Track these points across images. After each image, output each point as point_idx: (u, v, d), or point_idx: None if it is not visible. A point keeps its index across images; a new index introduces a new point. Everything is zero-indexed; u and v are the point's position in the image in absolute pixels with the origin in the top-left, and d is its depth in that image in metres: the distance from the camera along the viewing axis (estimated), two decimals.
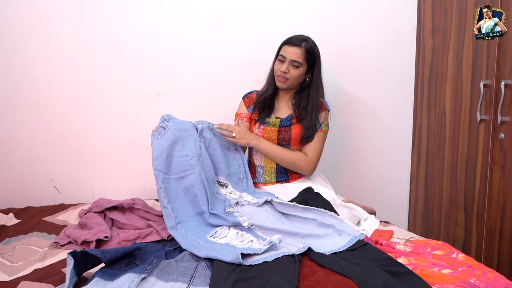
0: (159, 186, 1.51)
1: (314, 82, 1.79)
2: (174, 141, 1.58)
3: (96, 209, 1.67)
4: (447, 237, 2.06)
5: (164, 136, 1.57)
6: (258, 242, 1.30)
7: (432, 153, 2.16)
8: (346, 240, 1.28)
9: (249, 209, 1.51)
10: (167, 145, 1.56)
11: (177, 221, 1.45)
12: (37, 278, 1.20)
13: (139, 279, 1.07)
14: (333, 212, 1.45)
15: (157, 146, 1.56)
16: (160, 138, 1.57)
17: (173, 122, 1.63)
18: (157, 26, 2.03)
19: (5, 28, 1.92)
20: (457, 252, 1.25)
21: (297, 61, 1.73)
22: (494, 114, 1.73)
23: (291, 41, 1.75)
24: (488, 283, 1.06)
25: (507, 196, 1.70)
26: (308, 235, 1.33)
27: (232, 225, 1.43)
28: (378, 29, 2.18)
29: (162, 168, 1.54)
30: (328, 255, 1.21)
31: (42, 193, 2.02)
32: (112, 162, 2.08)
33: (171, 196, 1.51)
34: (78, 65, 2.00)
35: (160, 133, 1.60)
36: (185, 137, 1.61)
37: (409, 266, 1.14)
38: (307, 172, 1.79)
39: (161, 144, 1.56)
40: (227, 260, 1.17)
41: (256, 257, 1.20)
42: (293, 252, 1.21)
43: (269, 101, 1.82)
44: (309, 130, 1.76)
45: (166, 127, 1.61)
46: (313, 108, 1.77)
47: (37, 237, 1.54)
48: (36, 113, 1.99)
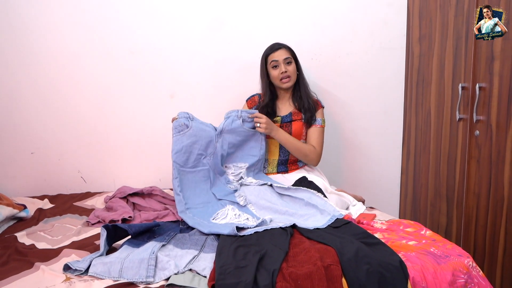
0: (175, 176, 1.75)
1: (300, 72, 2.04)
2: (194, 140, 1.81)
3: (120, 195, 1.92)
4: (431, 224, 2.25)
5: (186, 134, 1.80)
6: (253, 219, 1.54)
7: (419, 149, 2.35)
8: (326, 218, 1.51)
9: (251, 188, 1.75)
10: (187, 143, 1.80)
11: (187, 207, 1.69)
12: (76, 247, 1.44)
13: (160, 245, 1.32)
14: (320, 194, 1.67)
15: (178, 141, 1.79)
16: (182, 135, 1.80)
17: (196, 122, 1.85)
18: (170, 36, 2.22)
19: (33, 40, 2.12)
20: (425, 230, 1.46)
21: (288, 57, 1.98)
22: (470, 114, 1.89)
23: (273, 48, 2.00)
24: (444, 251, 1.28)
25: (482, 187, 1.87)
26: (295, 213, 1.57)
27: (229, 201, 1.70)
28: (370, 37, 2.35)
29: (180, 162, 1.78)
30: (315, 230, 1.44)
31: (71, 182, 2.24)
32: (132, 156, 2.28)
33: (184, 186, 1.75)
34: (101, 71, 2.19)
35: (182, 129, 1.81)
36: (204, 137, 1.83)
37: (382, 239, 1.36)
38: (315, 162, 2.02)
39: (182, 140, 1.79)
40: (226, 233, 1.42)
41: (249, 230, 1.45)
42: (280, 226, 1.45)
43: (270, 107, 2.03)
44: (309, 112, 1.99)
45: (190, 125, 1.82)
46: (306, 92, 2.02)
47: (70, 217, 1.79)
48: (64, 113, 2.20)
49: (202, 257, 1.29)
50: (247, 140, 1.90)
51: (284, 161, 2.03)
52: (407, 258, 1.24)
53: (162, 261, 1.22)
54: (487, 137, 1.83)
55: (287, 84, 1.99)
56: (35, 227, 1.68)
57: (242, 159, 1.88)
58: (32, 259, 1.32)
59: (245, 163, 1.89)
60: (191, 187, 1.77)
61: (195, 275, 1.19)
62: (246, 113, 1.88)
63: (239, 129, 1.86)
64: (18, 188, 2.19)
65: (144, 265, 1.19)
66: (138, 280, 1.18)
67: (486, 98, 1.82)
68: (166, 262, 1.21)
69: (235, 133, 1.87)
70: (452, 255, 1.26)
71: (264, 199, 1.66)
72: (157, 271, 1.20)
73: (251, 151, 1.90)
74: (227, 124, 1.86)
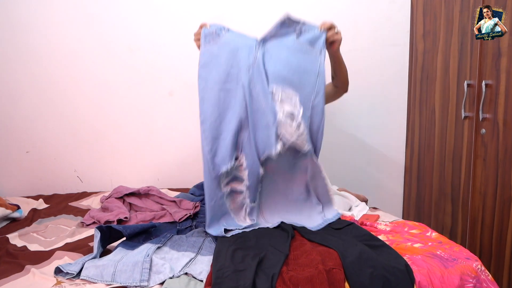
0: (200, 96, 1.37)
1: None
2: (228, 50, 1.39)
3: (116, 195, 1.87)
4: (436, 225, 2.21)
5: (217, 44, 1.39)
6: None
7: (424, 148, 2.31)
8: (319, 222, 1.47)
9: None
10: (217, 53, 1.38)
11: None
12: (69, 249, 1.40)
13: (155, 247, 1.27)
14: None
15: (207, 51, 1.39)
16: (212, 44, 1.39)
17: (231, 33, 1.43)
18: (169, 33, 2.18)
19: (31, 36, 2.09)
20: (431, 231, 1.41)
21: None
22: (476, 111, 1.85)
23: None
24: (451, 254, 1.22)
25: (488, 187, 1.82)
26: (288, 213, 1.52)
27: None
28: (373, 33, 2.31)
29: (207, 76, 1.39)
30: (317, 232, 1.39)
31: (67, 182, 2.21)
32: (129, 155, 2.24)
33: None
34: (99, 68, 2.16)
35: (213, 38, 1.41)
36: (239, 47, 1.40)
37: (386, 242, 1.31)
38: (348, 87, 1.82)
39: (212, 50, 1.39)
40: (214, 235, 1.39)
41: (237, 230, 1.40)
42: (268, 226, 1.41)
43: None
44: None
45: (222, 35, 1.42)
46: None
47: (65, 218, 1.75)
48: (61, 111, 2.17)
49: (199, 260, 1.24)
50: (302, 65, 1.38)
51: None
52: (413, 261, 1.19)
53: (157, 264, 1.17)
54: (493, 136, 1.79)
55: None
56: (28, 228, 1.64)
57: (293, 85, 1.34)
58: (23, 261, 1.28)
59: (296, 93, 1.38)
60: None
61: (191, 279, 1.15)
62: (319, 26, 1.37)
63: (293, 44, 1.38)
64: (12, 188, 2.16)
65: (138, 269, 1.15)
66: (131, 284, 1.13)
67: (493, 95, 1.78)
68: (161, 265, 1.17)
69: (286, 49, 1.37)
70: (460, 258, 1.21)
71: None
72: (151, 275, 1.15)
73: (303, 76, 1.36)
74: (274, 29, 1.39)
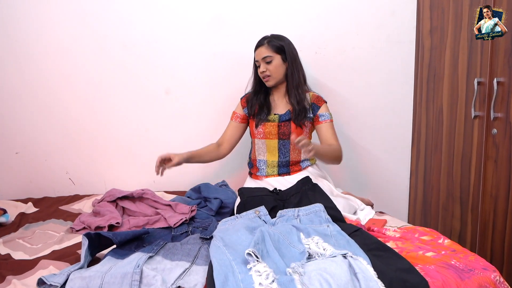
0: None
1: (289, 64, 1.86)
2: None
3: (109, 199, 1.79)
4: (444, 229, 2.13)
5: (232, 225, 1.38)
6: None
7: (431, 149, 2.23)
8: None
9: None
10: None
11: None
12: (55, 257, 1.32)
13: (147, 256, 1.17)
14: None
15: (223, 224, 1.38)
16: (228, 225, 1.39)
17: (244, 218, 1.44)
18: (165, 29, 2.12)
19: (21, 32, 2.02)
20: (443, 238, 1.33)
21: (266, 56, 1.83)
22: (487, 111, 1.78)
23: (256, 45, 1.87)
24: (467, 264, 1.13)
25: (499, 189, 1.75)
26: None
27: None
28: (378, 29, 2.24)
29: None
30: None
31: (58, 184, 2.14)
32: (124, 156, 2.18)
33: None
34: (92, 65, 2.10)
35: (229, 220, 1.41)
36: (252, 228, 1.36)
37: (396, 249, 1.22)
38: (341, 159, 1.85)
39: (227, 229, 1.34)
40: None
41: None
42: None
43: (262, 100, 1.90)
44: (298, 105, 1.84)
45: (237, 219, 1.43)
46: (295, 85, 1.85)
47: (54, 223, 1.66)
48: (52, 110, 2.10)
49: (194, 270, 1.15)
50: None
51: (285, 163, 1.89)
52: (426, 272, 1.09)
53: (148, 276, 1.08)
54: (505, 136, 1.71)
55: (269, 83, 1.88)
56: (14, 234, 1.55)
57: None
58: (4, 271, 1.19)
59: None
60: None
61: None
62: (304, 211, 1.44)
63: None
64: (1, 190, 2.08)
65: (127, 281, 1.05)
66: None
67: (505, 93, 1.70)
68: (152, 277, 1.07)
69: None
70: (476, 268, 1.12)
71: None
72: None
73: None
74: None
